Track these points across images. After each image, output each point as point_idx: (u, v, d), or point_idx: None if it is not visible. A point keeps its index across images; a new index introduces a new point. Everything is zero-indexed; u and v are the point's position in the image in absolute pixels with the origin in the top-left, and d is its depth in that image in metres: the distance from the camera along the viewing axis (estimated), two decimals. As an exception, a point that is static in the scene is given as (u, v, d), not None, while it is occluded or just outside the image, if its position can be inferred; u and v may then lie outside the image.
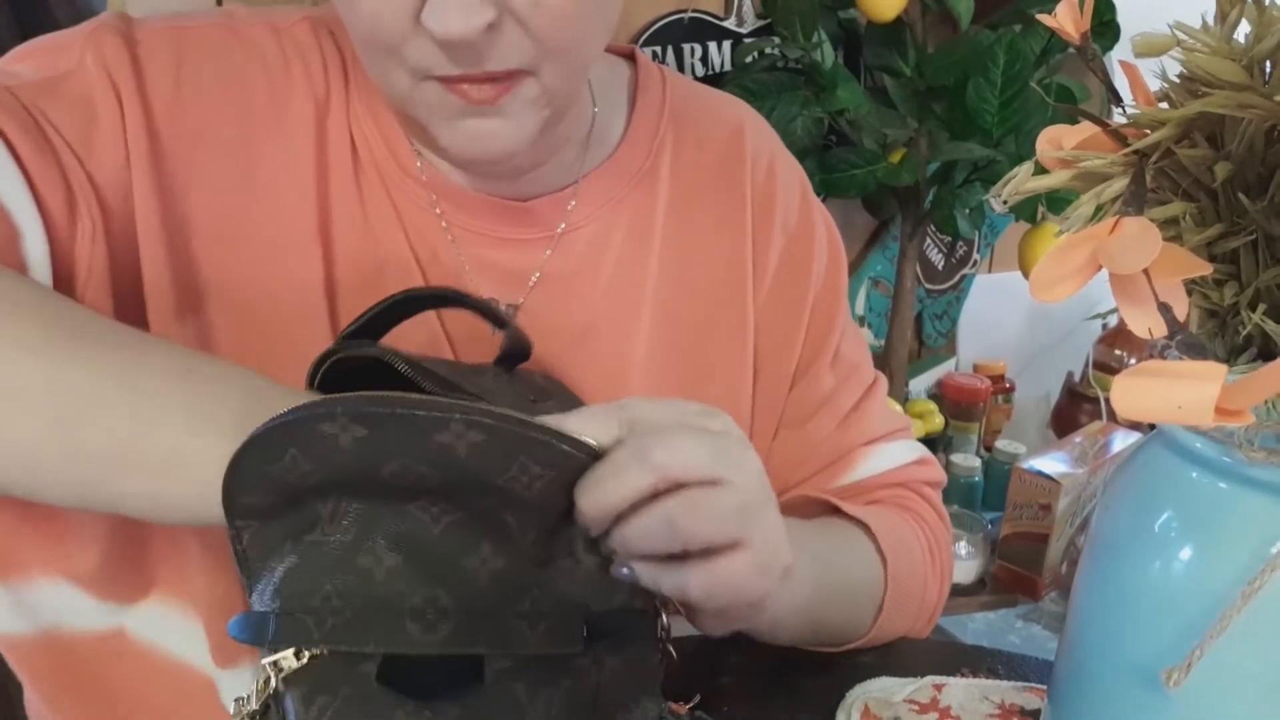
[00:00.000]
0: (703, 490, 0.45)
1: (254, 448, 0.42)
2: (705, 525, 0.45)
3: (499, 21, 0.52)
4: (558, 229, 0.67)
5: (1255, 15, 0.37)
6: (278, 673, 0.43)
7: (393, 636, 0.43)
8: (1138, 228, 0.34)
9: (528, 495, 0.43)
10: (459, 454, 0.42)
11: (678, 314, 0.70)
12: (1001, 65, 1.37)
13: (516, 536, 0.44)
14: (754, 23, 1.51)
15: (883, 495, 0.75)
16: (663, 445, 0.44)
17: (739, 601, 0.49)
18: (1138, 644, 0.43)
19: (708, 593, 0.47)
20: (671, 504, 0.44)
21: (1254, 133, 0.37)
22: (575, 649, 0.45)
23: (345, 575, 0.44)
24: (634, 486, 0.43)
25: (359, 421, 0.41)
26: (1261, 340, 0.40)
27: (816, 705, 0.61)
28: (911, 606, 0.70)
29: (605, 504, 0.44)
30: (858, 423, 0.75)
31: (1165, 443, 0.44)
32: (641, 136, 0.70)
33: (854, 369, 0.76)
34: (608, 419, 0.45)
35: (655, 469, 0.44)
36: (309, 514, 0.44)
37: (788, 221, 0.73)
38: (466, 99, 0.55)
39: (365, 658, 0.43)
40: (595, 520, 0.44)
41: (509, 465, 0.42)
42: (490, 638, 0.44)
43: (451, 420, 0.41)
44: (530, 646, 0.44)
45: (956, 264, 1.83)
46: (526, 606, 0.45)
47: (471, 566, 0.44)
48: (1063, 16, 0.41)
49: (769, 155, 0.74)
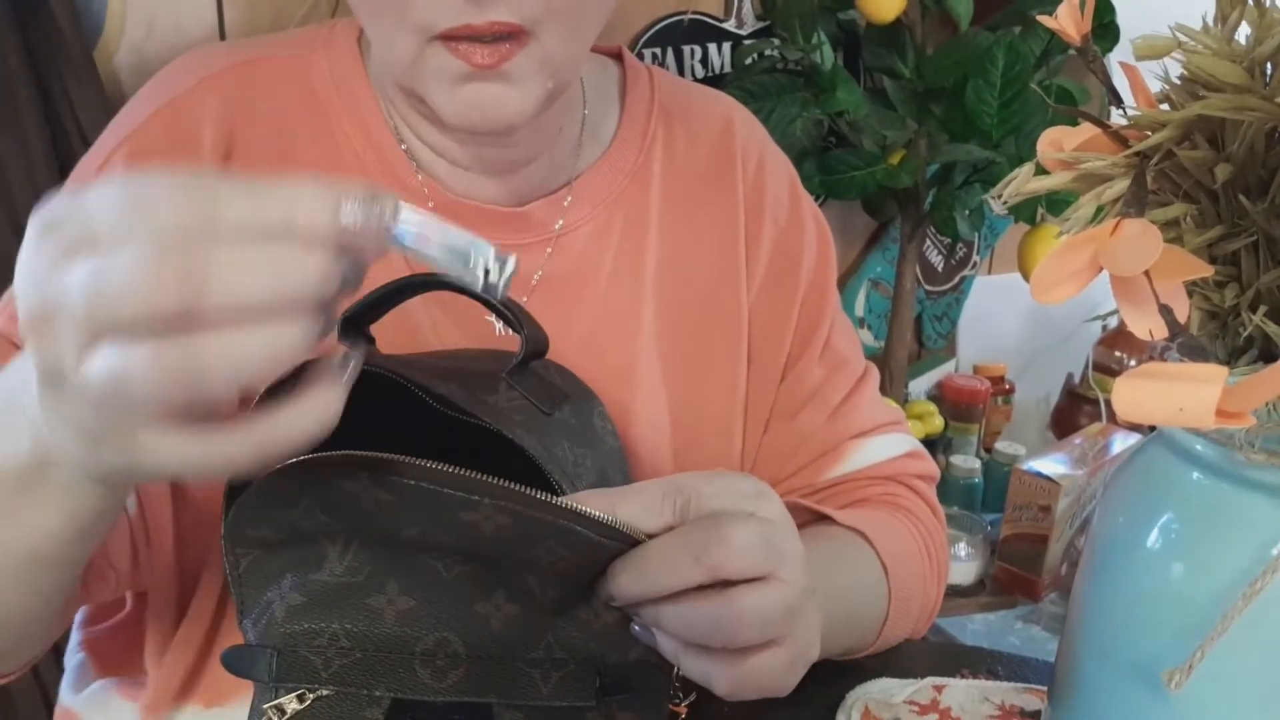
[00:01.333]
0: (751, 593, 0.44)
1: (266, 491, 0.40)
2: (750, 631, 0.44)
3: None
4: (555, 228, 0.67)
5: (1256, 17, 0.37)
6: (280, 716, 0.42)
7: (402, 680, 0.42)
8: (1138, 229, 0.34)
9: (551, 572, 0.42)
10: (484, 532, 0.41)
11: (676, 309, 0.70)
12: (1001, 67, 1.36)
13: (534, 592, 0.43)
14: (753, 24, 1.50)
15: (873, 491, 0.75)
16: (719, 542, 0.43)
17: (763, 695, 0.48)
18: (1138, 645, 0.43)
19: (734, 689, 0.46)
20: (719, 608, 0.43)
21: (1255, 134, 0.37)
22: (587, 702, 0.44)
23: (354, 615, 0.42)
24: (683, 581, 0.42)
25: (384, 487, 0.40)
26: (1262, 342, 0.40)
27: (816, 706, 0.61)
28: (913, 611, 0.70)
29: (648, 590, 0.43)
30: (847, 415, 0.75)
31: (1165, 444, 0.44)
32: (633, 133, 0.71)
33: (844, 361, 0.76)
34: (662, 505, 0.44)
35: (709, 569, 0.42)
36: (316, 551, 0.43)
37: (778, 215, 0.74)
38: (470, 62, 0.55)
39: (372, 701, 0.42)
40: (629, 599, 0.43)
41: (535, 546, 0.41)
42: (501, 686, 0.43)
43: (480, 504, 0.40)
44: (542, 697, 0.43)
45: (956, 265, 1.83)
46: (540, 655, 0.44)
47: (484, 612, 0.43)
48: (1063, 18, 0.41)
49: (759, 149, 0.75)
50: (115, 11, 1.06)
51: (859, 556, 0.68)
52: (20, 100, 0.97)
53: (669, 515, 0.44)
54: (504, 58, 0.55)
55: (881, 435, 0.76)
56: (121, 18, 1.07)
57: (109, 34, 1.07)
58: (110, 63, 1.07)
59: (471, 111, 0.57)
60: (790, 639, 0.46)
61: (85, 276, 0.32)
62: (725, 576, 0.43)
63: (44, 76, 0.99)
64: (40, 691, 0.96)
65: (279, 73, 0.65)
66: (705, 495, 0.44)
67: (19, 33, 0.97)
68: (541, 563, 0.42)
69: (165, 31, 1.09)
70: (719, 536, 0.43)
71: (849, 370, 0.76)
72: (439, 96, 0.58)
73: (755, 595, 0.44)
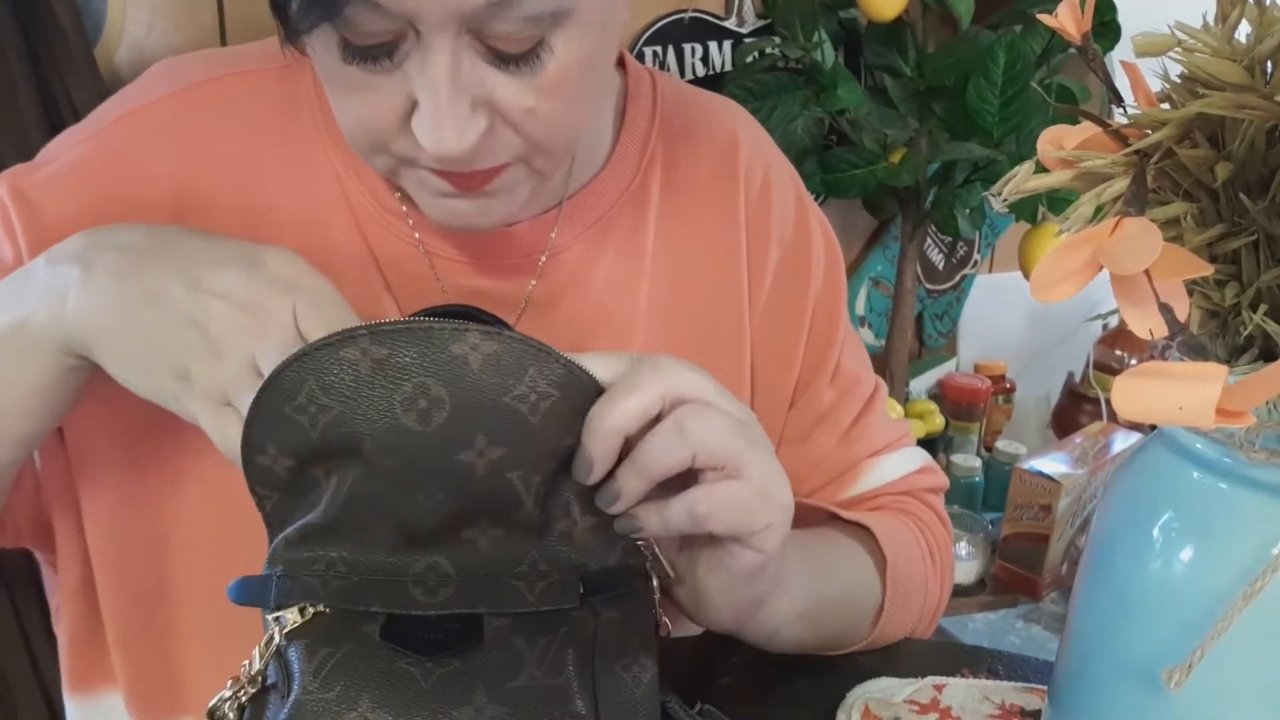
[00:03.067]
0: (709, 406, 0.48)
1: (274, 386, 0.44)
2: (713, 433, 0.47)
3: (490, 128, 0.52)
4: (541, 253, 0.65)
5: (1256, 16, 0.37)
6: (280, 628, 0.44)
7: (395, 598, 0.45)
8: (1138, 228, 0.34)
9: (533, 421, 0.45)
10: (472, 366, 0.44)
11: (672, 335, 0.68)
12: (1002, 65, 1.36)
13: (520, 494, 0.46)
14: (754, 23, 1.50)
15: (883, 502, 0.75)
16: (673, 365, 0.47)
17: (743, 526, 0.49)
18: (1138, 645, 0.43)
19: (711, 510, 0.48)
20: (681, 412, 0.47)
21: (1255, 133, 0.37)
22: (572, 605, 0.47)
23: (351, 545, 0.46)
24: (647, 395, 0.46)
25: (379, 342, 0.43)
26: (1262, 341, 0.40)
27: (817, 706, 0.61)
28: (912, 609, 0.69)
29: (618, 416, 0.46)
30: (860, 437, 0.74)
31: (1166, 443, 0.44)
32: (630, 152, 0.68)
33: (854, 382, 0.75)
34: (618, 358, 0.48)
35: (664, 381, 0.47)
36: (315, 495, 0.46)
37: (784, 234, 0.72)
38: (454, 185, 0.54)
39: (369, 618, 0.45)
40: (604, 442, 0.46)
41: (519, 379, 0.44)
42: (490, 598, 0.46)
43: (468, 332, 0.44)
44: (528, 605, 0.46)
45: (957, 264, 1.83)
46: (525, 569, 0.47)
47: (470, 538, 0.47)
48: (1064, 16, 0.41)
49: (764, 167, 0.72)
50: (116, 10, 1.06)
51: (853, 545, 0.68)
52: (20, 99, 0.97)
53: (626, 361, 0.48)
54: (489, 179, 0.55)
55: (893, 453, 0.76)
56: (122, 16, 1.07)
57: (110, 33, 1.07)
58: (111, 61, 1.07)
59: (454, 220, 0.57)
60: (756, 467, 0.48)
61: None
62: (681, 392, 0.47)
63: (45, 75, 0.99)
64: (40, 690, 0.96)
65: (257, 86, 0.63)
66: (656, 354, 0.49)
67: (20, 31, 0.97)
68: (523, 408, 0.45)
69: (166, 30, 1.10)
70: (670, 366, 0.48)
71: (860, 391, 0.75)
72: (419, 199, 0.57)
73: (709, 409, 0.48)
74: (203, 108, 0.62)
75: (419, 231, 0.63)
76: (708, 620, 0.55)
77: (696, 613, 0.55)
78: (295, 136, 0.62)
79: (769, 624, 0.58)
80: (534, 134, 0.53)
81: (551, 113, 0.52)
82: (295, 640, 0.44)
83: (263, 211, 0.61)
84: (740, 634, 0.59)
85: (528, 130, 0.52)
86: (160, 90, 0.62)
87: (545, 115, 0.52)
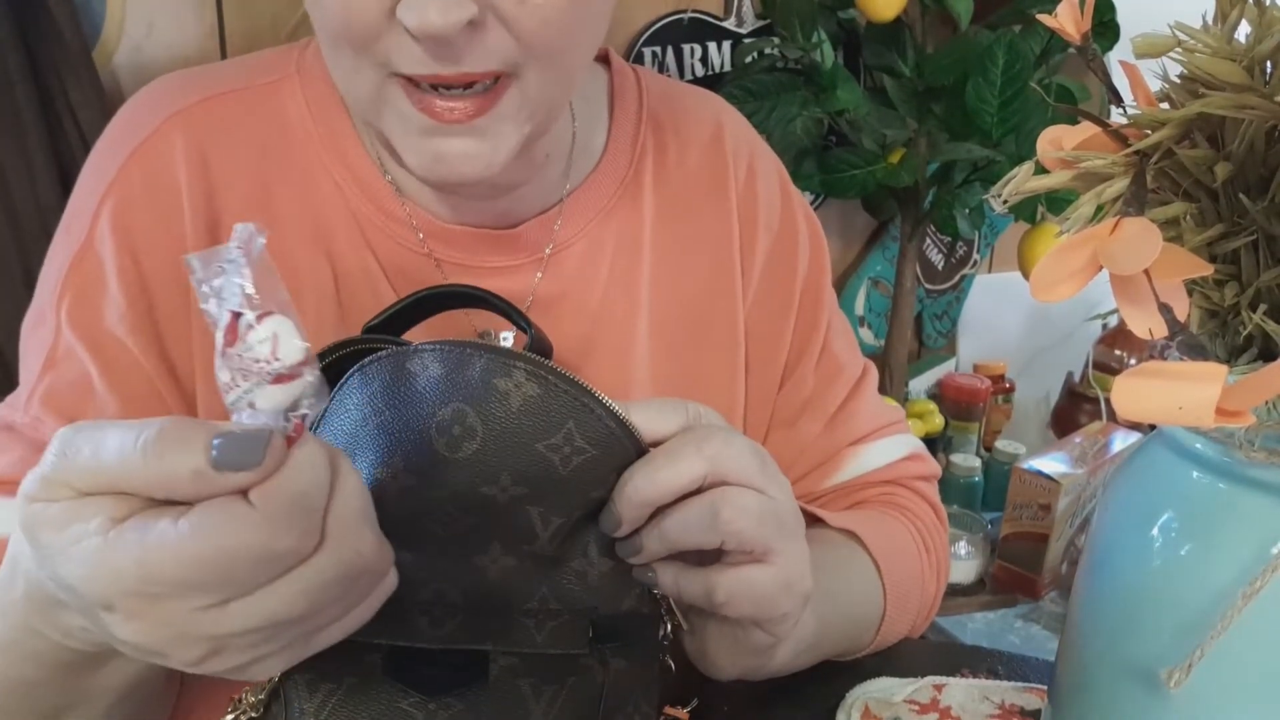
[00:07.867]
0: (744, 492, 0.45)
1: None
2: (746, 522, 0.45)
3: (481, 19, 0.50)
4: (545, 251, 0.65)
5: (1255, 16, 0.37)
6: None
7: (400, 628, 0.43)
8: (1138, 228, 0.34)
9: (562, 472, 0.43)
10: (512, 406, 0.42)
11: (671, 324, 0.69)
12: (1001, 65, 1.36)
13: (537, 529, 0.44)
14: (753, 23, 1.50)
15: (870, 494, 0.74)
16: (721, 439, 0.45)
17: (760, 614, 0.48)
18: (1138, 644, 0.43)
19: (731, 597, 0.47)
20: (717, 495, 0.45)
21: (1254, 133, 0.37)
22: (580, 650, 0.45)
23: None
24: (687, 473, 0.44)
25: (436, 360, 0.42)
26: (1262, 341, 0.40)
27: (816, 706, 0.61)
28: (911, 609, 0.70)
29: (655, 489, 0.44)
30: (845, 423, 0.75)
31: (1165, 443, 0.44)
32: (622, 146, 0.68)
33: (840, 367, 0.75)
34: (676, 409, 0.46)
35: (709, 459, 0.44)
36: None
37: (771, 221, 0.73)
38: (436, 118, 0.52)
39: (371, 648, 0.43)
40: (635, 509, 0.44)
41: (555, 430, 0.42)
42: (497, 634, 0.44)
43: (515, 368, 0.42)
44: (536, 645, 0.44)
45: (956, 264, 1.83)
46: (534, 605, 0.45)
47: (481, 565, 0.44)
48: (1063, 16, 0.41)
49: (749, 154, 0.73)
50: (115, 11, 1.06)
51: (851, 557, 0.67)
52: (19, 100, 0.97)
53: (681, 419, 0.46)
54: (476, 112, 0.52)
55: (880, 440, 0.76)
56: (121, 18, 1.07)
57: (108, 34, 1.07)
58: (109, 63, 1.07)
59: (437, 165, 0.54)
60: (784, 556, 0.47)
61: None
62: (724, 472, 0.45)
63: (43, 76, 0.99)
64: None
65: (247, 105, 0.62)
66: (714, 416, 0.47)
67: (18, 33, 0.97)
68: (555, 459, 0.43)
69: (165, 31, 1.09)
70: (720, 435, 0.45)
71: (846, 375, 0.75)
72: (401, 144, 0.55)
73: (748, 494, 0.45)
74: (203, 128, 0.61)
75: (424, 235, 0.63)
76: (710, 673, 0.55)
77: (701, 664, 0.55)
78: (292, 153, 0.62)
79: (773, 669, 0.57)
80: (527, 31, 0.51)
81: (546, 6, 0.51)
82: (294, 676, 0.43)
83: (269, 230, 0.60)
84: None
85: (521, 27, 0.51)
86: (155, 119, 0.61)
87: (539, 8, 0.51)
